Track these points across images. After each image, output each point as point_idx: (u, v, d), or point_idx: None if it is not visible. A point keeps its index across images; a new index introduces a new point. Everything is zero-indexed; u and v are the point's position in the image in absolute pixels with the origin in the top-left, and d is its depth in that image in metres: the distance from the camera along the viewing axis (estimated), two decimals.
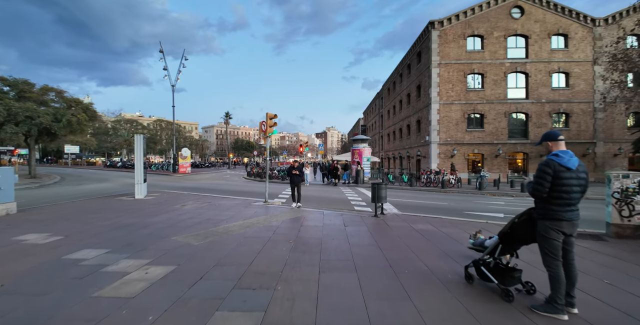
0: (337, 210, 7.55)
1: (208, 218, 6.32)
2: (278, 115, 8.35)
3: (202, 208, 7.65)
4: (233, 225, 5.54)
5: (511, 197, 11.28)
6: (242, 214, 6.75)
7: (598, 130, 21.05)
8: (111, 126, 66.04)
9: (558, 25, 21.25)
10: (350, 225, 5.52)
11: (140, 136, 10.06)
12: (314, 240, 4.45)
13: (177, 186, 15.66)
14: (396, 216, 6.46)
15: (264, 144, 8.49)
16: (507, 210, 7.87)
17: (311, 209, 7.74)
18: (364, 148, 19.55)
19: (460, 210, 7.97)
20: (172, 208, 7.71)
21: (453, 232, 5.04)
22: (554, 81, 21.29)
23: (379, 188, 6.23)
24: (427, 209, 8.18)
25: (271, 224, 5.62)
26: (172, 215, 6.68)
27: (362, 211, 7.71)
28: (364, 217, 6.36)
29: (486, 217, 6.98)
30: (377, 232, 4.97)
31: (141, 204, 8.45)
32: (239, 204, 8.37)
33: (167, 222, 5.96)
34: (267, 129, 8.19)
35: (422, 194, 12.09)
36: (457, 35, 21.47)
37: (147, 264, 3.55)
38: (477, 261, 2.87)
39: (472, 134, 21.24)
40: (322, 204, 9.17)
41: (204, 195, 10.52)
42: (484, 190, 12.53)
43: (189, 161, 32.31)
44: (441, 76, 21.32)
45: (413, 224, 5.64)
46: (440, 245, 4.21)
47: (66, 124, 22.79)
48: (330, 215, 6.70)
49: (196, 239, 4.66)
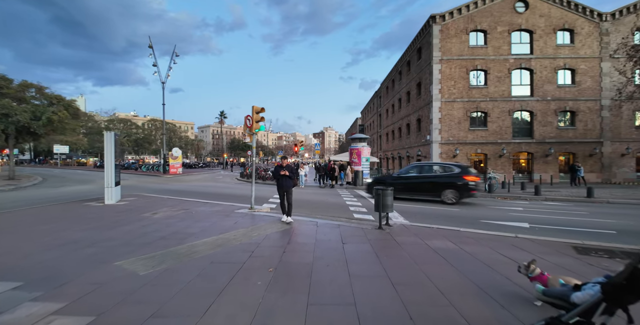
0: (334, 219, 6.45)
1: (176, 231, 5.19)
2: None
3: (175, 217, 6.51)
4: (202, 243, 4.41)
5: (525, 201, 10.27)
6: (219, 226, 5.62)
7: (605, 129, 20.25)
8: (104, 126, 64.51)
9: (564, 20, 20.42)
10: (349, 243, 4.43)
11: (110, 133, 8.86)
12: (302, 268, 3.34)
13: (160, 189, 14.45)
14: (405, 228, 5.36)
15: (250, 141, 7.32)
16: (531, 219, 6.81)
17: (303, 217, 6.61)
18: (362, 147, 18.49)
19: (475, 218, 6.92)
20: (140, 217, 6.55)
21: (480, 252, 3.97)
22: (559, 78, 20.45)
23: (384, 194, 5.14)
24: (437, 216, 7.12)
25: (250, 241, 4.50)
26: (134, 227, 5.53)
27: (363, 220, 6.61)
28: (366, 230, 5.25)
29: (509, 228, 5.93)
30: (384, 254, 3.87)
31: (107, 212, 7.28)
32: (220, 211, 7.23)
33: (124, 238, 4.82)
34: (253, 125, 7.06)
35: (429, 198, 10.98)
36: (459, 30, 20.53)
37: (54, 313, 2.43)
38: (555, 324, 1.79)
39: (474, 133, 20.31)
40: (316, 210, 8.06)
41: (184, 200, 9.35)
42: (494, 193, 11.53)
43: (180, 161, 30.98)
44: (443, 73, 20.35)
45: (427, 239, 4.56)
46: (472, 275, 3.13)
47: (46, 122, 21.38)
48: (325, 226, 5.57)
49: (146, 265, 3.53)
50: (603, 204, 9.60)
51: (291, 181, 6.22)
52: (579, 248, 4.18)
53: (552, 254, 3.92)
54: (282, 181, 6.11)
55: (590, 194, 10.19)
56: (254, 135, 7.25)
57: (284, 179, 6.11)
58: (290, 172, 6.16)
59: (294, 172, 6.27)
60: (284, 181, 6.11)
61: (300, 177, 17.12)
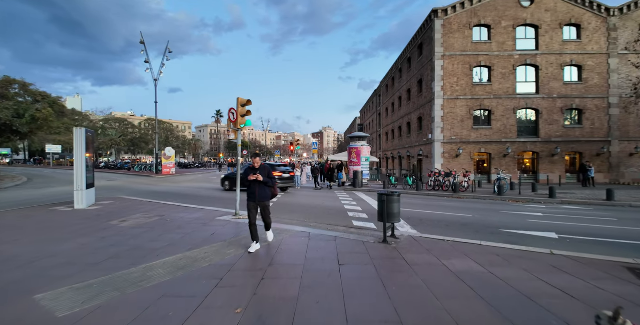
0: (330, 228, 5.55)
1: (137, 246, 4.27)
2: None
3: (145, 226, 5.59)
4: (162, 264, 3.50)
5: (540, 205, 9.41)
6: (192, 239, 4.71)
7: (613, 128, 19.50)
8: (100, 126, 63.49)
9: (570, 15, 19.65)
10: (348, 263, 3.52)
11: (80, 130, 7.92)
12: (283, 307, 2.43)
13: (146, 191, 13.49)
14: (414, 241, 4.44)
15: (235, 138, 6.41)
16: (556, 228, 5.89)
17: (294, 226, 5.70)
18: (362, 146, 17.61)
19: (494, 226, 6.03)
20: (105, 226, 5.63)
21: (515, 278, 3.09)
22: (566, 75, 19.67)
23: (389, 201, 4.24)
24: (449, 224, 6.23)
25: (223, 261, 3.59)
26: (90, 240, 4.61)
27: (364, 229, 5.71)
28: (368, 244, 4.34)
29: (535, 239, 5.07)
30: (393, 282, 2.97)
31: (70, 219, 6.35)
32: (200, 218, 6.30)
33: (71, 254, 3.91)
34: (238, 119, 6.15)
35: (434, 201, 10.15)
36: (463, 25, 19.70)
37: None
38: None
39: (478, 132, 19.49)
40: (311, 215, 7.17)
41: (165, 205, 8.43)
42: (504, 196, 10.67)
43: (173, 161, 29.97)
44: (445, 69, 19.52)
45: (445, 258, 3.66)
46: (514, 316, 2.25)
47: (30, 120, 20.37)
48: (319, 239, 4.65)
49: (76, 299, 2.62)
50: (625, 207, 8.79)
51: (268, 190, 4.17)
52: (636, 270, 3.32)
53: (606, 280, 3.06)
54: (253, 189, 4.06)
55: (610, 197, 9.38)
56: (239, 131, 6.34)
57: (258, 187, 4.05)
58: (267, 177, 4.10)
59: (272, 177, 4.20)
60: (257, 190, 4.04)
61: (296, 178, 16.23)
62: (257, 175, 4.01)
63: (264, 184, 4.09)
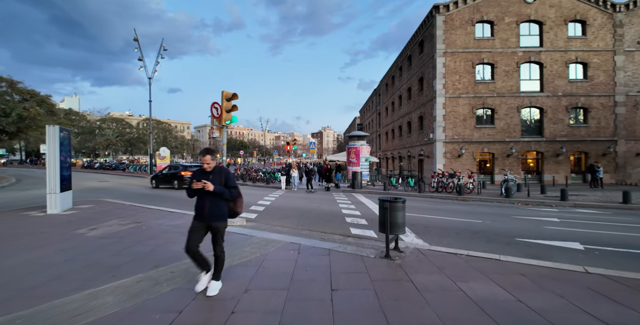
0: (324, 238, 4.90)
1: (94, 262, 3.61)
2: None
3: (114, 235, 4.93)
4: (114, 289, 2.84)
5: (552, 208, 8.77)
6: (163, 252, 4.05)
7: (619, 127, 18.94)
8: (97, 125, 62.87)
9: (575, 11, 19.10)
10: (342, 288, 2.84)
11: (54, 128, 7.25)
12: None
13: (134, 193, 12.82)
14: (422, 256, 3.79)
15: (219, 136, 5.74)
16: (579, 236, 5.21)
17: (283, 235, 5.05)
18: (362, 146, 16.98)
19: (507, 234, 5.38)
20: (70, 235, 4.97)
21: (553, 309, 2.45)
22: (571, 72, 19.11)
23: (393, 208, 3.59)
24: (459, 232, 5.58)
25: (189, 285, 2.90)
26: (44, 254, 3.95)
27: (363, 238, 5.06)
28: (367, 260, 3.67)
29: (559, 251, 4.44)
30: (399, 317, 2.32)
31: (37, 226, 5.69)
32: (180, 225, 5.64)
33: (8, 274, 3.25)
34: (223, 115, 5.50)
35: (439, 204, 9.48)
36: (465, 21, 19.11)
37: None
38: None
39: (481, 131, 18.90)
40: (304, 221, 6.53)
41: (147, 209, 7.76)
42: (512, 198, 10.04)
43: (168, 162, 29.28)
44: (447, 66, 18.92)
45: (460, 279, 3.01)
46: None
47: (17, 119, 19.69)
48: (310, 253, 3.98)
49: None
50: None
51: (225, 205, 2.88)
52: None
53: None
54: (202, 203, 2.79)
55: (626, 200, 8.77)
56: (224, 128, 5.68)
57: (208, 200, 2.78)
58: (225, 185, 2.84)
59: (233, 186, 2.90)
60: (206, 204, 2.77)
61: (293, 179, 15.60)
62: (204, 183, 2.64)
63: (217, 195, 2.75)
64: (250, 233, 5.07)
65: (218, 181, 2.79)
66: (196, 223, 2.81)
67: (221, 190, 2.76)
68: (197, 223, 2.81)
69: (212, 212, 2.76)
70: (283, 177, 15.46)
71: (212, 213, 2.77)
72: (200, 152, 2.84)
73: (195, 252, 2.79)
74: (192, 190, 2.74)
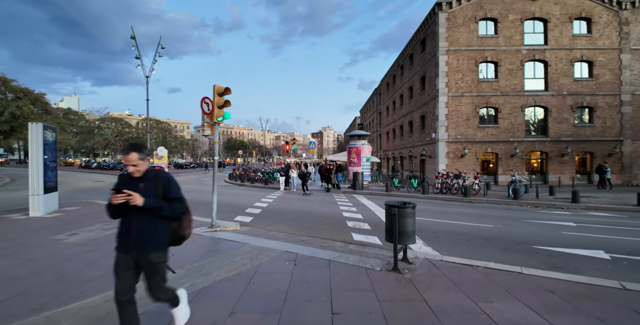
0: (324, 246, 4.48)
1: (65, 274, 3.20)
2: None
3: (93, 242, 4.50)
4: (76, 310, 2.42)
5: (564, 211, 8.36)
6: None
7: (625, 127, 18.55)
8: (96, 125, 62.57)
9: (580, 8, 18.72)
10: (345, 312, 2.41)
11: (37, 125, 6.83)
12: None
13: None
14: (435, 269, 3.35)
15: (211, 134, 5.31)
16: (601, 243, 4.75)
17: (279, 242, 4.62)
18: (363, 146, 16.58)
19: (523, 241, 4.95)
20: (46, 241, 4.55)
21: None
22: (576, 71, 18.72)
23: (401, 214, 3.16)
24: (470, 238, 5.15)
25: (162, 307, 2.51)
26: (10, 264, 3.53)
27: (367, 246, 4.64)
28: (373, 275, 3.20)
29: (583, 260, 4.03)
30: None
31: (13, 231, 5.27)
32: None
33: None
34: (214, 111, 5.08)
35: (444, 207, 9.03)
36: (468, 18, 18.72)
37: None
38: None
39: (484, 131, 18.50)
40: (303, 225, 6.11)
41: None
42: (520, 200, 9.62)
43: (166, 161, 28.84)
44: (449, 65, 18.52)
45: (481, 298, 2.59)
46: None
47: (9, 118, 19.25)
48: (307, 265, 3.52)
49: None
50: None
51: (162, 227, 2.00)
52: None
53: None
54: (127, 224, 1.93)
55: None
56: (215, 125, 5.26)
57: (136, 219, 1.92)
58: (168, 195, 2.01)
59: (176, 197, 2.03)
60: (133, 225, 1.91)
61: (292, 179, 15.17)
62: (129, 195, 1.80)
63: (150, 212, 1.90)
64: (242, 240, 4.65)
65: (152, 191, 1.92)
66: (121, 256, 1.92)
67: (156, 205, 1.88)
68: (122, 256, 1.92)
69: (141, 238, 1.87)
70: (282, 178, 15.04)
71: (142, 239, 1.88)
72: (123, 149, 1.98)
73: (127, 305, 1.88)
74: (113, 207, 1.84)
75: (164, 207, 1.93)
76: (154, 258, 1.93)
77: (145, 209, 1.86)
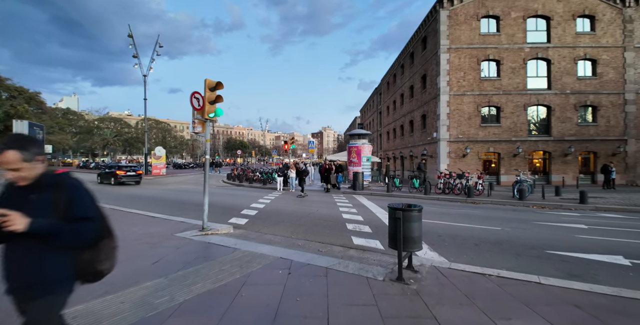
0: (322, 251, 4.17)
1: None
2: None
3: None
4: None
5: (572, 212, 8.04)
6: (120, 273, 3.28)
7: (629, 126, 18.26)
8: (95, 125, 62.36)
9: (584, 6, 18.43)
10: None
11: (22, 123, 6.51)
12: None
13: (122, 194, 12.07)
14: (443, 278, 3.03)
15: (202, 131, 5.00)
16: (619, 247, 4.37)
17: (273, 247, 4.30)
18: (363, 145, 16.28)
19: (535, 245, 4.63)
20: None
21: None
22: (579, 69, 18.42)
23: (406, 218, 2.83)
24: (479, 242, 4.81)
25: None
26: None
27: (367, 251, 4.32)
28: (375, 286, 2.87)
29: (601, 266, 3.72)
30: None
31: None
32: (155, 234, 4.90)
33: None
34: (205, 106, 4.77)
35: (448, 208, 8.70)
36: (470, 16, 18.42)
37: None
38: None
39: (486, 130, 18.20)
40: (300, 228, 5.80)
41: (127, 213, 7.02)
42: (526, 201, 9.30)
43: (164, 161, 28.54)
44: (451, 63, 18.22)
45: (498, 315, 2.25)
46: None
47: (3, 116, 18.92)
48: (302, 275, 3.17)
49: None
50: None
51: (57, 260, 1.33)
52: None
53: None
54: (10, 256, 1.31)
55: None
56: (207, 122, 4.95)
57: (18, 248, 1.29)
58: (72, 213, 1.32)
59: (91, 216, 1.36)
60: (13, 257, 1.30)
61: (290, 179, 14.87)
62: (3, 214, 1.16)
63: (38, 239, 1.27)
64: (234, 244, 4.32)
65: (47, 207, 1.30)
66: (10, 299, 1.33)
67: (50, 228, 1.26)
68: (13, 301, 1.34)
69: (21, 277, 1.29)
70: (280, 178, 14.73)
71: (23, 278, 1.29)
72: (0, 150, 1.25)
73: None
74: None
75: (63, 231, 1.26)
76: (39, 308, 1.24)
77: (28, 234, 1.19)
